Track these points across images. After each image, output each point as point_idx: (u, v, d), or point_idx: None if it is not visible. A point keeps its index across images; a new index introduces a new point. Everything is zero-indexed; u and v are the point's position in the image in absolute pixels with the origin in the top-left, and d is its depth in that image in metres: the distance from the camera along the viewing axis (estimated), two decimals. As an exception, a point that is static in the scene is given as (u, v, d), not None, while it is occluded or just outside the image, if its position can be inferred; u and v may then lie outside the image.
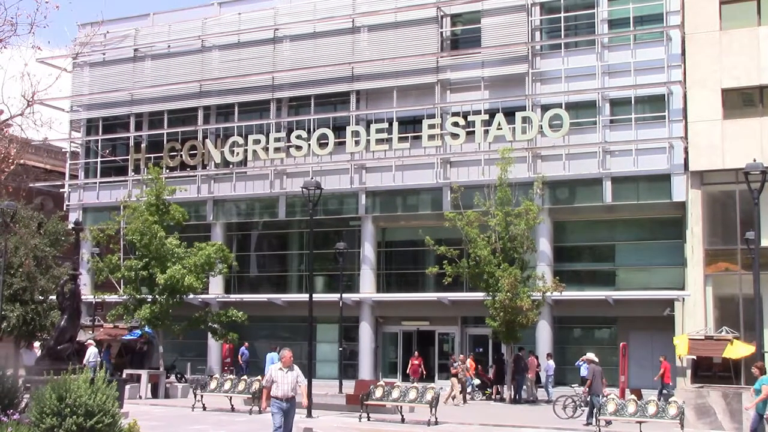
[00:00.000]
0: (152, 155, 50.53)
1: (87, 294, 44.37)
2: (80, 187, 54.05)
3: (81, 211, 53.21)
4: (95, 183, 53.31)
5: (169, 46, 52.09)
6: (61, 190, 55.18)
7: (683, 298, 39.62)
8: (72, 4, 18.33)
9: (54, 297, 36.19)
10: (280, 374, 18.19)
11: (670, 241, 42.05)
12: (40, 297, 43.41)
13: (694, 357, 37.85)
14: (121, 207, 42.12)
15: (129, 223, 39.24)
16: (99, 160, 52.90)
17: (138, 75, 52.71)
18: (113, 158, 51.06)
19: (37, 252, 43.79)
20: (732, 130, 39.35)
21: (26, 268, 41.58)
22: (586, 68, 42.57)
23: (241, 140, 48.83)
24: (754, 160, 28.22)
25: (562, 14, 43.56)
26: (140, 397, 35.96)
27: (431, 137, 44.68)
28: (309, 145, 46.92)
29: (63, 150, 57.84)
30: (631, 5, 42.00)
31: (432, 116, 45.08)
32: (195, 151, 49.91)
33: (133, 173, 51.32)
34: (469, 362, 39.69)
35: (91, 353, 35.59)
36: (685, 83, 40.51)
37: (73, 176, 54.84)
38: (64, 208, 53.57)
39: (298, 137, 47.46)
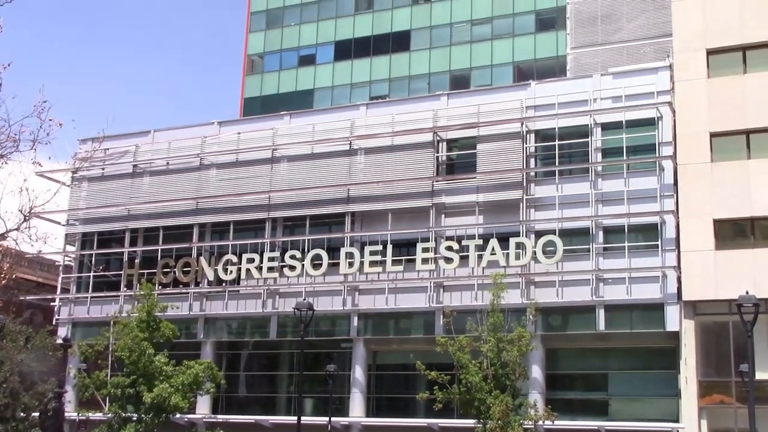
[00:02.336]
0: (146, 271, 50.41)
1: (71, 411, 43.46)
2: (71, 301, 53.72)
3: (70, 325, 52.75)
4: (86, 297, 53.00)
5: (167, 163, 52.65)
6: (51, 303, 54.80)
7: (678, 431, 38.93)
8: (75, 122, 18.64)
9: (37, 414, 35.44)
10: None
11: (664, 371, 41.61)
12: (22, 414, 42.49)
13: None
14: (112, 323, 41.73)
15: (118, 339, 38.81)
16: (92, 274, 52.73)
17: (136, 191, 53.09)
18: (106, 273, 50.91)
19: (22, 367, 43.11)
20: (725, 261, 39.48)
21: (10, 384, 40.87)
22: (580, 196, 42.98)
23: (235, 259, 48.84)
24: (747, 292, 28.18)
25: (557, 142, 44.22)
26: None
27: (425, 261, 44.75)
28: (303, 265, 46.92)
29: (56, 263, 57.68)
30: (625, 135, 42.71)
31: (426, 240, 45.23)
32: (188, 268, 49.84)
33: (125, 289, 51.08)
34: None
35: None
36: (678, 213, 40.86)
37: (65, 290, 54.56)
38: (54, 323, 53.07)
39: (292, 257, 47.49)
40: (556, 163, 44.17)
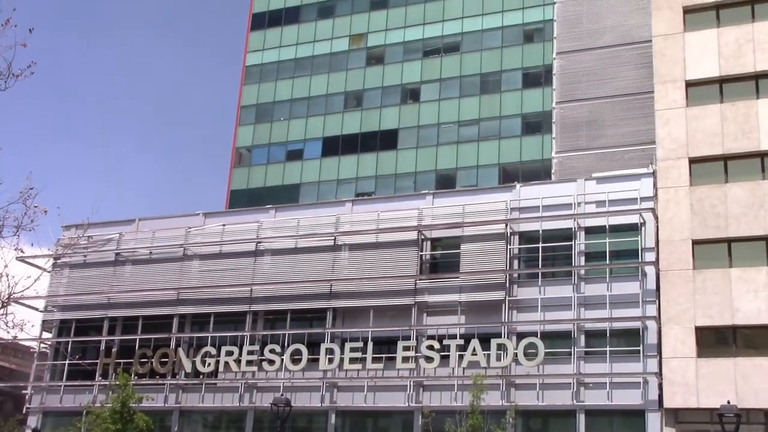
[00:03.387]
0: (122, 361, 49.73)
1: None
2: (44, 389, 52.73)
3: (41, 415, 51.67)
4: (60, 386, 52.07)
5: (150, 253, 52.48)
6: (23, 391, 53.78)
7: None
8: (60, 209, 18.63)
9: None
10: None
11: (645, 480, 40.93)
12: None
13: None
14: (84, 413, 40.92)
15: (90, 430, 38.02)
16: (67, 362, 51.93)
17: (117, 279, 52.75)
18: (81, 362, 50.16)
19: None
20: (706, 369, 39.31)
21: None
22: (563, 299, 42.98)
23: (213, 351, 48.31)
24: (729, 402, 27.98)
25: (540, 244, 44.42)
26: None
27: (405, 359, 44.38)
28: (282, 359, 46.44)
29: (31, 350, 56.85)
30: (608, 240, 42.97)
31: (407, 338, 44.95)
32: (166, 359, 49.20)
33: (100, 378, 50.28)
34: None
35: None
36: (660, 319, 40.84)
37: (38, 377, 53.63)
38: (24, 411, 52.00)
39: (272, 351, 47.02)
40: (540, 266, 44.25)
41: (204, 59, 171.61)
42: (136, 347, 50.45)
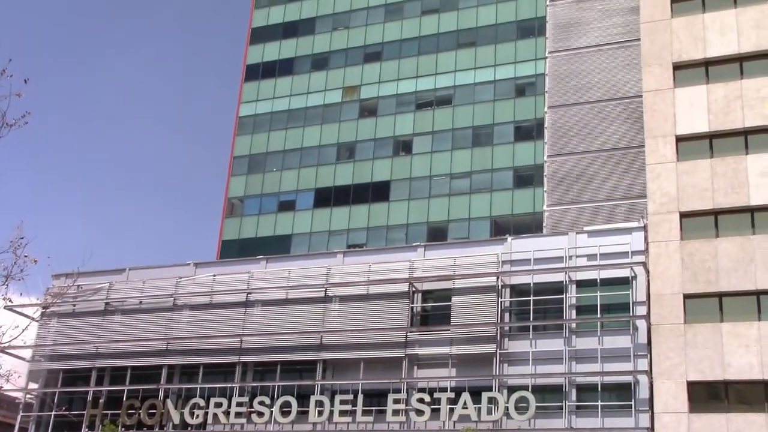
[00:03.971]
0: (110, 412, 49.21)
1: None
2: (30, 440, 52.08)
3: (26, 466, 50.96)
4: (46, 437, 51.42)
5: (140, 302, 52.26)
6: (9, 442, 53.10)
7: None
8: (50, 258, 18.57)
9: None
10: None
11: None
12: None
13: None
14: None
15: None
16: (53, 413, 51.35)
17: (106, 329, 52.43)
18: (68, 413, 49.60)
19: None
20: (699, 425, 39.06)
21: None
22: (554, 352, 42.82)
23: (202, 402, 47.87)
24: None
25: (532, 297, 44.37)
26: None
27: (396, 412, 44.03)
28: (271, 412, 46.03)
29: (17, 400, 56.22)
30: (599, 293, 42.97)
31: (398, 391, 44.64)
32: (154, 410, 48.71)
33: (87, 430, 49.69)
34: None
35: None
36: (651, 373, 40.66)
37: (23, 429, 52.96)
38: (10, 462, 51.30)
39: (261, 403, 46.62)
40: (531, 319, 44.17)
41: (197, 109, 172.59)
42: (124, 398, 49.99)
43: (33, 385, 54.23)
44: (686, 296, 41.58)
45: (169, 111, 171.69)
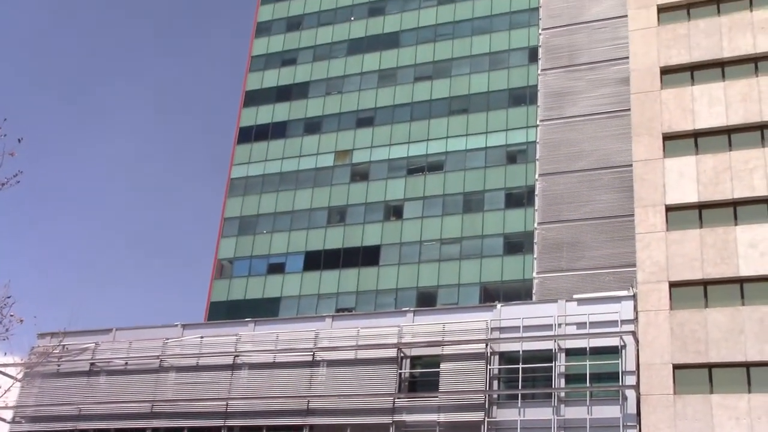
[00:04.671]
0: (91, 475, 48.37)
1: None
2: (9, 503, 51.12)
3: None
4: (25, 500, 50.47)
5: (126, 363, 51.76)
6: (-13, 505, 52.06)
7: None
8: (36, 318, 18.41)
9: None
10: None
11: None
12: None
13: None
14: None
15: None
16: (34, 476, 50.48)
17: (90, 390, 51.81)
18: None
19: None
20: (688, 498, 38.55)
21: None
22: (543, 421, 42.43)
23: (185, 467, 47.10)
24: None
25: (521, 365, 44.11)
26: None
27: (382, 480, 43.36)
28: (255, 477, 45.30)
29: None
30: (588, 362, 42.74)
31: (385, 458, 44.05)
32: (136, 475, 47.88)
33: (67, 493, 48.81)
34: None
35: None
36: (641, 445, 40.27)
37: (3, 491, 52.03)
38: None
39: (245, 469, 45.89)
40: (520, 387, 43.86)
41: (189, 170, 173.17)
42: (106, 461, 49.15)
43: (14, 447, 53.36)
44: (676, 366, 41.42)
45: (160, 171, 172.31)
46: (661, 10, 49.30)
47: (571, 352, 43.57)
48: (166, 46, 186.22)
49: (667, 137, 46.29)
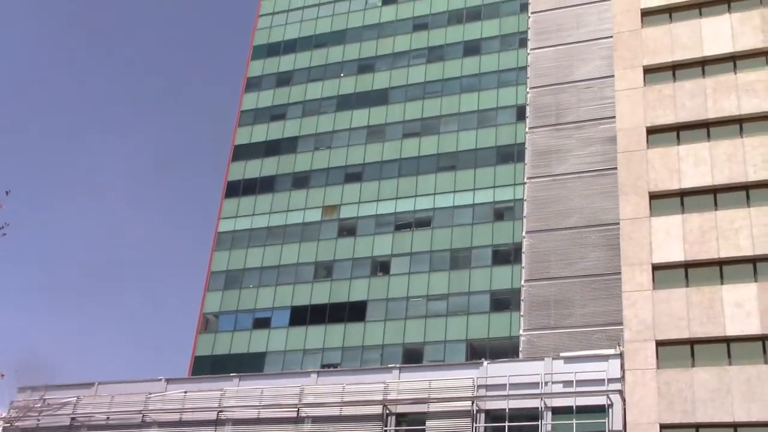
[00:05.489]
0: None
1: None
2: None
3: None
4: None
5: (108, 418, 51.10)
6: None
7: None
8: (18, 372, 18.19)
9: None
10: None
11: None
12: None
13: None
14: None
15: None
16: None
17: (70, 445, 51.07)
18: None
19: None
20: None
21: None
22: (529, 481, 41.97)
23: None
24: None
25: (507, 423, 43.77)
26: None
27: None
28: None
29: None
30: (575, 421, 42.44)
31: None
32: None
33: None
34: None
35: None
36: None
37: None
38: None
39: None
40: (506, 445, 43.46)
41: (176, 223, 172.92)
42: None
43: (-9, 503, 52.42)
44: (662, 426, 41.14)
45: (147, 224, 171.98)
46: (647, 71, 49.96)
47: (557, 411, 43.26)
48: (156, 101, 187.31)
49: (654, 196, 46.56)
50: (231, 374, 53.03)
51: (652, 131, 48.24)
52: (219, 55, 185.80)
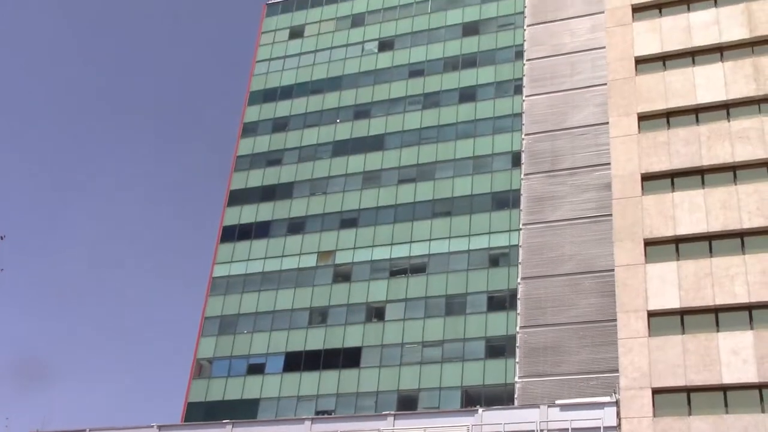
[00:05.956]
0: None
1: None
2: None
3: None
4: None
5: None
6: None
7: None
8: (9, 419, 18.00)
9: None
10: None
11: None
12: None
13: None
14: None
15: None
16: None
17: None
18: None
19: None
20: None
21: None
22: None
23: None
24: None
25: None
26: None
27: None
28: None
29: None
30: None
31: None
32: None
33: None
34: None
35: None
36: None
37: None
38: None
39: None
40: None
41: (171, 268, 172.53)
42: None
43: None
44: (660, 477, 40.72)
45: (142, 269, 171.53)
46: (642, 118, 50.23)
47: (553, 459, 42.83)
48: (152, 145, 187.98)
49: (649, 243, 46.55)
50: (224, 421, 52.50)
51: (646, 178, 48.36)
52: (216, 100, 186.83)
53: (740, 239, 45.12)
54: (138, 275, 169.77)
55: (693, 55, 50.87)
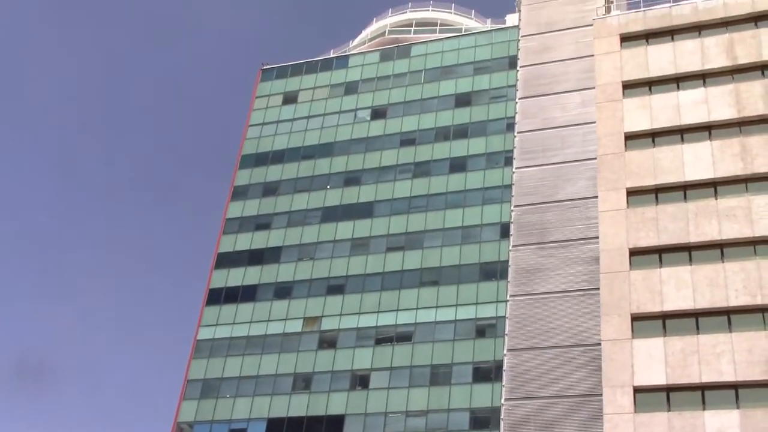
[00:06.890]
0: None
1: None
2: None
3: None
4: None
5: None
6: None
7: None
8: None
9: None
10: None
11: None
12: None
13: None
14: None
15: None
16: None
17: None
18: None
19: None
20: None
21: None
22: None
23: None
24: None
25: None
26: None
27: None
28: None
29: None
30: None
31: None
32: None
33: None
34: None
35: None
36: None
37: None
38: None
39: None
40: None
41: (155, 330, 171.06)
42: None
43: None
44: None
45: (125, 332, 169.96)
46: (630, 193, 50.60)
47: None
48: (141, 203, 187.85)
49: (636, 318, 46.49)
50: (202, 487, 51.62)
51: (634, 253, 48.53)
52: (207, 163, 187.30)
53: (727, 317, 45.12)
54: (121, 336, 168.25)
55: (682, 133, 51.45)
